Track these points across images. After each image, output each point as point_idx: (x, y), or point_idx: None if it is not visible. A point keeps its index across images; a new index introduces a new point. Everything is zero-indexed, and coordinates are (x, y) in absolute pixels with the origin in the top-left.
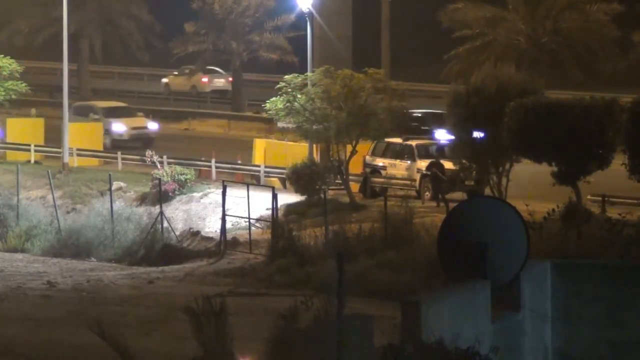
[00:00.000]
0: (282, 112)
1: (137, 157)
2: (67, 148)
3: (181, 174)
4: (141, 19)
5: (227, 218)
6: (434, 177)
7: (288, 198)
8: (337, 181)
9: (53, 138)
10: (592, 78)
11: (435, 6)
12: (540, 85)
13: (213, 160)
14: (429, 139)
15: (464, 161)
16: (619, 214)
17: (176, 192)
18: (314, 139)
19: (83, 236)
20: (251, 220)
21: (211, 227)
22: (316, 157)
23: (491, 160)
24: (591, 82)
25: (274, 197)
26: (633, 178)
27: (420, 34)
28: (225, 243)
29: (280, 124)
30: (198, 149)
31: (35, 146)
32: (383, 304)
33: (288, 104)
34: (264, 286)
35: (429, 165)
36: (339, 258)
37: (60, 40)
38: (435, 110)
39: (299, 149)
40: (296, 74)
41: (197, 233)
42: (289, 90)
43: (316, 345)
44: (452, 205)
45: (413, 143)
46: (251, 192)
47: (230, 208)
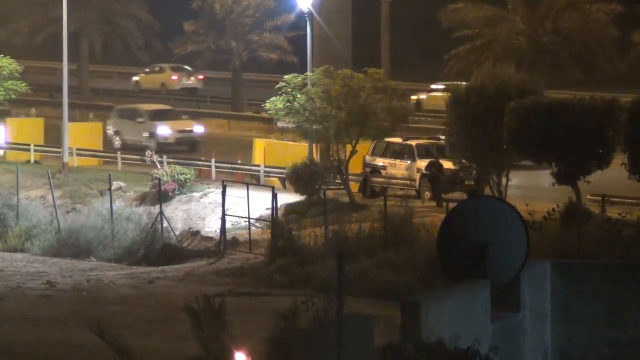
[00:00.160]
0: (282, 112)
1: (137, 157)
2: (67, 148)
3: (181, 174)
4: (141, 19)
5: (227, 218)
6: (432, 177)
7: (288, 198)
8: (337, 181)
9: (53, 138)
10: (592, 78)
11: (435, 6)
12: (540, 85)
13: (213, 160)
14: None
15: (464, 161)
16: (619, 214)
17: (176, 192)
18: (314, 139)
19: (83, 236)
20: (251, 220)
21: (211, 227)
22: (316, 157)
23: (491, 160)
24: (591, 82)
25: (274, 197)
26: (633, 178)
27: (420, 34)
28: (225, 243)
29: (280, 124)
30: (197, 149)
31: (35, 146)
32: (383, 304)
33: (288, 104)
34: (264, 286)
35: (428, 164)
36: (339, 258)
37: (60, 40)
38: None
39: (299, 149)
40: (296, 74)
41: (197, 233)
42: (289, 90)
43: (316, 345)
44: (452, 205)
45: (413, 143)
46: (251, 192)
47: (230, 208)
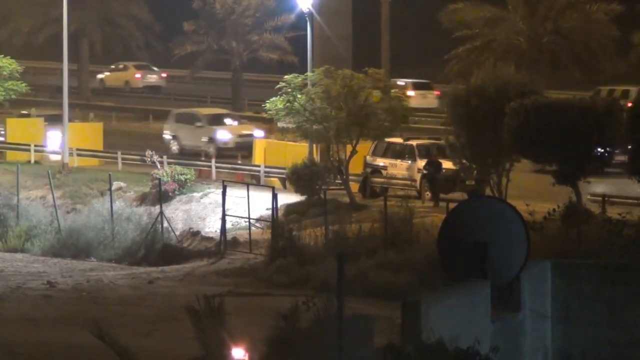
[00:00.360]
0: (282, 112)
1: (137, 157)
2: (67, 148)
3: (181, 174)
4: (141, 19)
5: (227, 218)
6: (430, 176)
7: (288, 198)
8: (337, 181)
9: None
10: (592, 78)
11: (435, 6)
12: (540, 85)
13: (213, 160)
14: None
15: (464, 161)
16: (619, 214)
17: (176, 192)
18: (314, 139)
19: (83, 236)
20: (251, 220)
21: (211, 227)
22: (316, 157)
23: (491, 160)
24: (591, 82)
25: (274, 197)
26: (633, 178)
27: (420, 34)
28: (225, 243)
29: (280, 124)
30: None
31: (35, 146)
32: (383, 304)
33: (288, 104)
34: (264, 286)
35: (426, 163)
36: (339, 260)
37: (60, 40)
38: None
39: (299, 149)
40: (296, 74)
41: (197, 233)
42: (289, 90)
43: (316, 345)
44: (452, 205)
45: (414, 143)
46: (251, 192)
47: (230, 208)
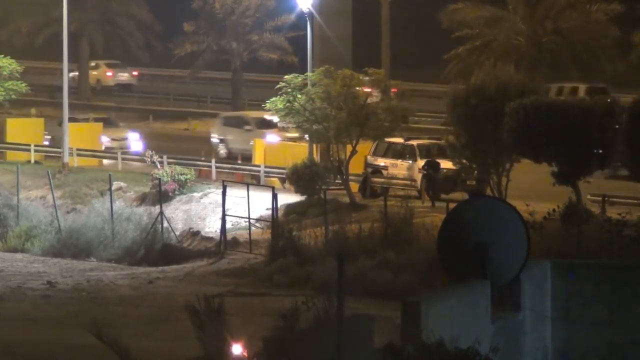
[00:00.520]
0: (282, 112)
1: (137, 157)
2: (67, 148)
3: (181, 174)
4: (141, 19)
5: (227, 218)
6: (429, 178)
7: (288, 198)
8: (337, 181)
9: (53, 138)
10: (592, 78)
11: (435, 6)
12: (540, 85)
13: (213, 160)
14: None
15: (464, 161)
16: (619, 214)
17: (176, 192)
18: (314, 139)
19: (83, 236)
20: (251, 220)
21: (211, 227)
22: (316, 157)
23: (491, 160)
24: (591, 82)
25: (274, 197)
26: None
27: (420, 34)
28: (225, 243)
29: (280, 124)
30: (198, 149)
31: (35, 146)
32: (383, 304)
33: (288, 104)
34: (264, 286)
35: (425, 163)
36: (339, 260)
37: (60, 40)
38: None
39: (299, 149)
40: (296, 74)
41: (197, 233)
42: (289, 90)
43: (316, 345)
44: (452, 205)
45: (414, 143)
46: (251, 192)
47: (230, 208)
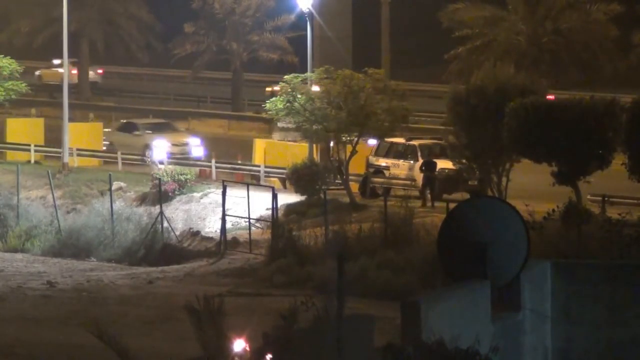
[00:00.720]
0: (282, 112)
1: (137, 157)
2: (67, 148)
3: (181, 174)
4: (141, 19)
5: (227, 218)
6: (428, 178)
7: (288, 198)
8: (337, 181)
9: (53, 138)
10: (592, 78)
11: (435, 6)
12: (541, 85)
13: (213, 160)
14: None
15: (464, 161)
16: (619, 214)
17: (176, 192)
18: (314, 139)
19: (83, 236)
20: (251, 220)
21: (211, 227)
22: (316, 157)
23: (491, 160)
24: (591, 82)
25: (274, 197)
26: (633, 178)
27: (420, 34)
28: (225, 243)
29: (280, 124)
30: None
31: (35, 146)
32: (383, 304)
33: (288, 104)
34: (264, 286)
35: (422, 164)
36: (339, 260)
37: (60, 40)
38: None
39: (299, 149)
40: (296, 74)
41: (197, 233)
42: (289, 90)
43: (316, 345)
44: (452, 205)
45: (416, 143)
46: (251, 192)
47: (230, 208)
